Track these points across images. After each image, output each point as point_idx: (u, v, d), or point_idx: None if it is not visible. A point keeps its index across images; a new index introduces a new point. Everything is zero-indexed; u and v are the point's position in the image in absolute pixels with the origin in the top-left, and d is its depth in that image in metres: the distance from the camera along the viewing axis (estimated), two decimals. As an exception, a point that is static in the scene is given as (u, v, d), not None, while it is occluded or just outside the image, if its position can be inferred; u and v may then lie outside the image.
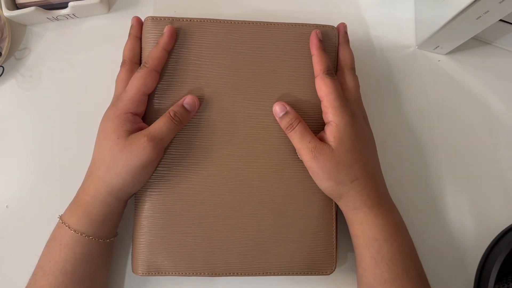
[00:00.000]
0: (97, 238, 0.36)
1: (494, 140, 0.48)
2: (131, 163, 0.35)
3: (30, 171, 0.44)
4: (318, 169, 0.37)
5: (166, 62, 0.39)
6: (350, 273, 0.44)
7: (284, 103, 0.39)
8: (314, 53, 0.40)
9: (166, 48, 0.38)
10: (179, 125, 0.38)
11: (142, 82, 0.37)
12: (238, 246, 0.39)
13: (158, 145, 0.36)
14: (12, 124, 0.45)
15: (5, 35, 0.44)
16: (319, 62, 0.39)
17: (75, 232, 0.36)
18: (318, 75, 0.39)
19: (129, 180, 0.36)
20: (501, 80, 0.49)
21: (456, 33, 0.44)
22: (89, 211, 0.36)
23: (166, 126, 0.37)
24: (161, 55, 0.38)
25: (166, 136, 0.37)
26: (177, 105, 0.38)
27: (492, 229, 0.46)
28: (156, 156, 0.36)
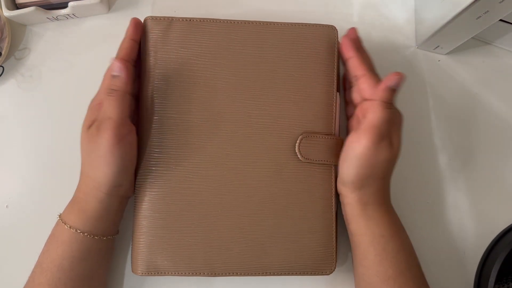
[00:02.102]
0: (93, 235, 0.36)
1: (494, 140, 0.48)
2: (98, 152, 0.35)
3: (30, 171, 0.44)
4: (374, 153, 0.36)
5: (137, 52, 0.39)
6: (350, 273, 0.44)
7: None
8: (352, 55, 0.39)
9: (132, 37, 0.38)
10: (122, 96, 0.35)
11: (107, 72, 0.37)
12: (238, 246, 0.39)
13: (110, 126, 0.34)
14: (12, 124, 0.45)
15: (5, 35, 0.44)
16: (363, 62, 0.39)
17: (71, 229, 0.36)
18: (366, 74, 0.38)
19: (107, 170, 0.35)
20: (501, 80, 0.49)
21: (456, 33, 0.44)
22: (84, 208, 0.36)
23: (109, 104, 0.35)
24: (128, 45, 0.38)
25: (113, 113, 0.35)
26: (106, 79, 0.36)
27: (492, 229, 0.46)
28: (115, 136, 0.34)
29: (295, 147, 0.40)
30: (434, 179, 0.47)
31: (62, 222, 0.36)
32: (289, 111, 0.40)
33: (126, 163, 0.36)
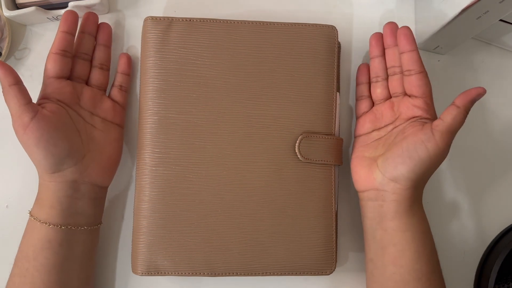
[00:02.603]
0: (49, 223, 0.36)
1: (493, 140, 0.48)
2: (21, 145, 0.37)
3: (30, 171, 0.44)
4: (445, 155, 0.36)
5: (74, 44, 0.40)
6: (350, 273, 0.44)
7: None
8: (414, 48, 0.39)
9: (62, 29, 0.39)
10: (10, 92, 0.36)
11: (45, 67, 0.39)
12: (238, 246, 0.39)
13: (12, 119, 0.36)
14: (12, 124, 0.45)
15: (5, 35, 0.44)
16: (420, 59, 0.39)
17: (31, 217, 0.37)
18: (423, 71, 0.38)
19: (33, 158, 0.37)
20: (501, 80, 0.49)
21: (456, 33, 0.44)
22: (39, 197, 0.38)
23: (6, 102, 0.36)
24: (57, 36, 0.39)
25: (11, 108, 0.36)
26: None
27: (492, 229, 0.46)
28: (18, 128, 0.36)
29: (295, 147, 0.40)
30: (434, 179, 0.46)
31: (28, 212, 0.38)
32: (289, 111, 0.40)
33: (44, 147, 0.36)
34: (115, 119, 0.41)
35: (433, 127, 0.36)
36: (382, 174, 0.38)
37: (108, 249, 0.43)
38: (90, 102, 0.40)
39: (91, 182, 0.39)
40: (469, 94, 0.35)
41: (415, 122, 0.38)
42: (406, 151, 0.36)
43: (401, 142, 0.37)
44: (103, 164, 0.39)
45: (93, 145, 0.39)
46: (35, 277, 0.36)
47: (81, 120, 0.39)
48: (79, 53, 0.41)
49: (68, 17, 0.39)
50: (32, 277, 0.36)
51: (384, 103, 0.42)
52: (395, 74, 0.41)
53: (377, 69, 0.42)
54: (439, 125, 0.35)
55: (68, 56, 0.39)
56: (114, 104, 0.42)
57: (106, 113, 0.41)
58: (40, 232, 0.37)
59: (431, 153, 0.35)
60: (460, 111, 0.35)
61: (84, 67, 0.41)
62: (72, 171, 0.37)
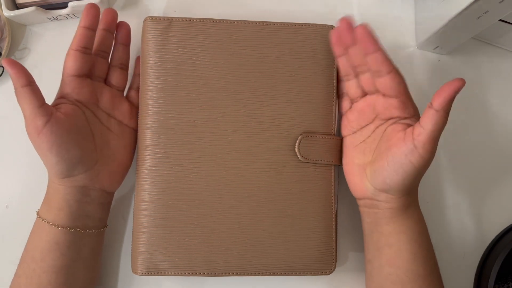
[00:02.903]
0: (58, 225, 0.36)
1: (493, 140, 0.48)
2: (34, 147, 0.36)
3: (30, 171, 0.44)
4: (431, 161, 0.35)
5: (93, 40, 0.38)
6: (350, 273, 0.44)
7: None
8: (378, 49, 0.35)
9: (84, 25, 0.37)
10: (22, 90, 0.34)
11: (64, 65, 0.38)
12: (238, 246, 0.39)
13: (26, 122, 0.35)
14: (12, 124, 0.45)
15: (5, 35, 0.44)
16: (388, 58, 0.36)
17: (39, 219, 0.37)
18: (393, 70, 0.35)
19: (45, 162, 0.36)
20: (501, 80, 0.49)
21: (456, 33, 0.44)
22: (48, 198, 0.38)
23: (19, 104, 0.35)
24: (78, 33, 0.37)
25: (24, 111, 0.35)
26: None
27: (492, 229, 0.46)
28: (33, 131, 0.34)
29: (295, 147, 0.40)
30: (434, 179, 0.46)
31: (36, 213, 0.38)
32: (288, 111, 0.40)
33: (57, 152, 0.35)
34: (131, 123, 0.41)
35: (415, 137, 0.33)
36: (372, 186, 0.37)
37: (108, 249, 0.43)
38: (109, 103, 0.40)
39: (101, 188, 0.39)
40: (445, 93, 0.32)
41: (396, 124, 0.37)
42: (392, 166, 0.35)
43: (386, 155, 0.35)
44: (114, 170, 0.39)
45: (106, 150, 0.39)
46: (42, 278, 0.36)
47: (97, 121, 0.39)
48: (99, 51, 0.40)
49: (90, 11, 0.37)
50: (39, 278, 0.36)
51: (361, 101, 0.40)
52: (364, 73, 0.38)
53: (345, 67, 0.39)
54: (421, 134, 0.33)
55: (88, 53, 0.38)
56: (131, 106, 0.41)
57: (123, 116, 0.40)
58: (48, 233, 0.36)
59: (416, 165, 0.34)
60: (440, 114, 0.33)
61: (104, 66, 0.40)
62: (83, 177, 0.37)
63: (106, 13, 0.39)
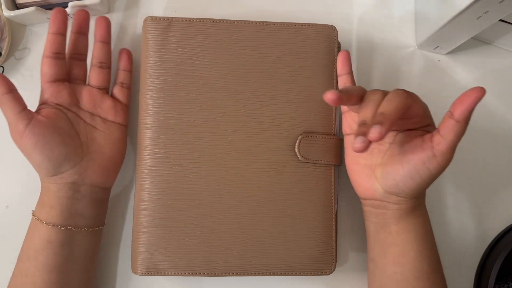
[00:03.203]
0: (50, 223, 0.37)
1: (493, 140, 0.48)
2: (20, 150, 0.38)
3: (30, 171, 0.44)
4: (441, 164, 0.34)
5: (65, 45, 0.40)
6: (350, 273, 0.44)
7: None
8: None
9: (52, 31, 0.38)
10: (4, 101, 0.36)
11: (41, 72, 0.39)
12: (238, 246, 0.39)
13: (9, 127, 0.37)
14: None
15: (5, 35, 0.44)
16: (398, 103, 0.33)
17: (33, 216, 0.38)
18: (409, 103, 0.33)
19: (32, 162, 0.37)
20: (501, 80, 0.49)
21: (456, 33, 0.44)
22: (41, 197, 0.39)
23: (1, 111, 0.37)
24: (48, 39, 0.38)
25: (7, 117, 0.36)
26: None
27: (492, 229, 0.46)
28: (16, 134, 0.36)
29: (295, 147, 0.40)
30: (434, 179, 0.46)
31: (31, 212, 0.38)
32: (288, 111, 0.40)
33: (40, 152, 0.36)
34: (116, 118, 0.41)
35: (434, 146, 0.33)
36: (382, 188, 0.37)
37: (108, 249, 0.43)
38: (89, 103, 0.40)
39: (92, 184, 0.39)
40: (466, 103, 0.32)
41: (413, 133, 0.36)
42: (408, 172, 0.34)
43: (401, 160, 0.35)
44: (103, 165, 0.39)
45: (93, 146, 0.39)
46: (36, 277, 0.36)
47: (81, 121, 0.39)
48: (73, 54, 0.41)
49: (56, 17, 0.38)
50: (33, 277, 0.36)
51: None
52: None
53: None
54: (440, 143, 0.33)
55: (61, 58, 0.39)
56: (115, 102, 0.41)
57: (107, 113, 0.41)
58: (41, 232, 0.37)
59: (433, 172, 0.34)
60: (461, 125, 0.32)
61: (80, 68, 0.41)
62: (70, 174, 0.38)
63: (76, 15, 0.41)
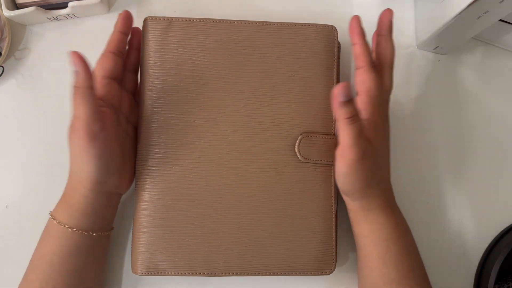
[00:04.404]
0: (82, 230, 0.36)
1: (494, 140, 0.48)
2: (75, 150, 0.34)
3: (30, 171, 0.44)
4: (360, 169, 0.35)
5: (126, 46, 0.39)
6: (350, 273, 0.44)
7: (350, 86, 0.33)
8: (356, 42, 0.37)
9: (121, 30, 0.38)
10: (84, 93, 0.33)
11: (99, 66, 0.37)
12: (238, 246, 0.39)
13: (80, 125, 0.33)
14: (12, 124, 0.45)
15: (5, 35, 0.44)
16: (364, 53, 0.37)
17: (59, 224, 0.36)
18: (364, 67, 0.36)
19: (86, 167, 0.34)
20: (501, 80, 0.49)
21: (456, 33, 0.44)
22: (70, 203, 0.37)
23: (74, 103, 0.33)
24: (115, 37, 0.38)
25: (81, 113, 0.33)
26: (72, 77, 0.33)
27: (492, 229, 0.46)
28: (87, 135, 0.33)
29: (295, 147, 0.40)
30: (434, 179, 0.46)
31: (52, 218, 0.37)
32: (288, 111, 0.40)
33: (104, 160, 0.35)
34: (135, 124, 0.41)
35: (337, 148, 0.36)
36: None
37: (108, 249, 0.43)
38: (127, 108, 0.40)
39: (119, 193, 0.40)
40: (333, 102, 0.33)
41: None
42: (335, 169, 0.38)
43: None
44: (130, 174, 0.39)
45: (126, 155, 0.39)
46: (57, 282, 0.36)
47: (120, 127, 0.38)
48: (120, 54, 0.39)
49: (128, 17, 0.39)
50: (54, 282, 0.36)
51: None
52: None
53: None
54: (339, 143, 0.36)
55: (121, 58, 0.39)
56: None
57: (136, 120, 0.40)
58: (70, 239, 0.36)
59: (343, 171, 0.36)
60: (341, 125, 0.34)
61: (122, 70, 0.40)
62: (113, 184, 0.37)
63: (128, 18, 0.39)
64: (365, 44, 0.38)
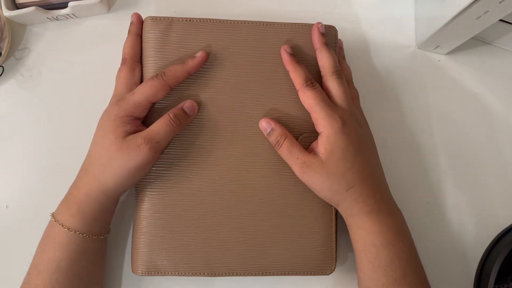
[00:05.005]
0: (91, 235, 0.37)
1: (494, 140, 0.48)
2: (127, 164, 0.35)
3: (30, 171, 0.44)
4: (310, 182, 0.37)
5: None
6: (350, 273, 0.44)
7: (269, 120, 0.39)
8: (289, 69, 0.39)
9: (190, 71, 0.38)
10: (177, 128, 0.37)
11: (154, 93, 0.37)
12: (238, 246, 0.39)
13: (154, 147, 0.36)
14: (12, 124, 0.45)
15: (5, 35, 0.44)
16: (296, 76, 0.38)
17: (69, 230, 0.36)
18: (299, 89, 0.38)
19: (123, 181, 0.36)
20: (501, 80, 0.49)
21: (456, 33, 0.44)
22: (82, 209, 0.36)
23: (164, 129, 0.36)
24: (182, 75, 0.38)
25: (163, 139, 0.37)
26: (177, 108, 0.38)
27: (492, 229, 0.46)
28: (152, 159, 0.36)
29: (295, 147, 0.40)
30: (434, 179, 0.46)
31: (57, 223, 0.36)
32: (289, 111, 0.40)
33: (141, 178, 0.38)
34: None
35: None
36: None
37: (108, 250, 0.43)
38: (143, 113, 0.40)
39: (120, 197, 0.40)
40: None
41: None
42: None
43: None
44: None
45: None
46: (64, 285, 0.36)
47: None
48: None
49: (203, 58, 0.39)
50: (62, 285, 0.36)
51: None
52: None
53: None
54: None
55: None
56: None
57: None
58: (79, 244, 0.36)
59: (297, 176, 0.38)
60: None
61: None
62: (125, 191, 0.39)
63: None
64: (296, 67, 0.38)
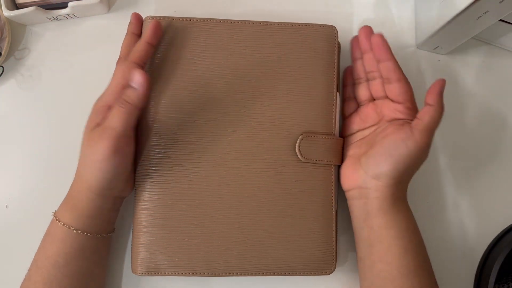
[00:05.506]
0: (87, 232, 0.36)
1: (494, 140, 0.48)
2: (94, 157, 0.34)
3: (30, 171, 0.44)
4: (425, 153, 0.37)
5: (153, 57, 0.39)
6: (350, 273, 0.44)
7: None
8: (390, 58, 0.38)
9: (149, 41, 0.37)
10: (132, 107, 0.35)
11: (121, 75, 0.36)
12: (238, 246, 0.39)
13: (112, 135, 0.34)
14: (12, 124, 0.45)
15: (5, 35, 0.44)
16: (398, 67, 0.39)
17: (65, 226, 0.36)
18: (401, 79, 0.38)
19: (99, 175, 0.35)
20: (501, 80, 0.49)
21: (456, 33, 0.44)
22: (76, 206, 0.37)
23: (117, 115, 0.34)
24: (142, 47, 0.37)
25: (119, 126, 0.34)
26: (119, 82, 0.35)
27: (492, 229, 0.46)
28: (114, 146, 0.34)
29: (295, 147, 0.40)
30: (434, 179, 0.46)
31: (56, 220, 0.37)
32: (289, 111, 0.40)
33: (119, 171, 0.36)
34: None
35: (413, 126, 0.36)
36: (364, 172, 0.38)
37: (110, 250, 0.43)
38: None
39: (124, 196, 0.40)
40: (434, 89, 0.37)
41: (396, 121, 0.39)
42: (387, 149, 0.37)
43: (382, 141, 0.38)
44: (133, 178, 0.40)
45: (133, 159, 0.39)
46: (63, 282, 0.36)
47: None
48: None
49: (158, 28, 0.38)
50: (60, 283, 0.36)
51: (368, 105, 0.42)
52: (375, 79, 0.41)
53: (358, 71, 0.43)
54: (418, 124, 0.36)
55: None
56: None
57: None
58: (75, 240, 0.36)
59: (411, 150, 0.36)
60: (435, 108, 0.36)
61: None
62: (119, 190, 0.38)
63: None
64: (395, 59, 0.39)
